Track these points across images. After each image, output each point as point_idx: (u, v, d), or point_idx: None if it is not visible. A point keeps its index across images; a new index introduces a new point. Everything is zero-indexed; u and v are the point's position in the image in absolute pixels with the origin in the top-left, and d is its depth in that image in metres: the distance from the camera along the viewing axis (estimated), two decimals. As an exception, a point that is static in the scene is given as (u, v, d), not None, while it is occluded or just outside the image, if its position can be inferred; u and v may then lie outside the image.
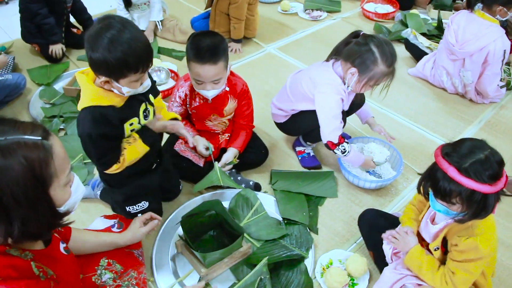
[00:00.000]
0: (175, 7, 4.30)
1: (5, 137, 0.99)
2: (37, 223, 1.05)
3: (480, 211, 1.36)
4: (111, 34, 1.49)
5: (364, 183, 2.25)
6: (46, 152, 1.03)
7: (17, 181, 0.98)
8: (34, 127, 1.05)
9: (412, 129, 2.78)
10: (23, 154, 0.99)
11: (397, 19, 4.00)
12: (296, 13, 4.20)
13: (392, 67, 1.98)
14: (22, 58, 3.50)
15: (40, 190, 1.03)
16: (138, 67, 1.56)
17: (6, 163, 0.97)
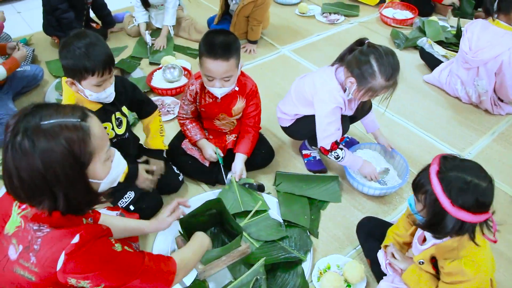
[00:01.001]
0: (193, 6, 4.35)
1: (48, 121, 1.08)
2: (76, 199, 1.15)
3: (435, 225, 1.36)
4: (76, 43, 1.73)
5: (368, 189, 2.24)
6: (84, 132, 1.12)
7: (58, 161, 1.07)
8: (73, 110, 1.15)
9: (422, 137, 2.75)
10: (64, 136, 1.08)
11: (415, 25, 3.96)
12: (314, 16, 4.21)
13: (392, 80, 1.95)
14: (42, 51, 3.58)
15: (78, 169, 1.12)
16: (94, 70, 1.74)
17: (49, 145, 1.06)
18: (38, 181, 1.07)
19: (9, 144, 1.06)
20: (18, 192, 1.11)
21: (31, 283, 1.15)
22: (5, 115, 2.65)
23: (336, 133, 2.12)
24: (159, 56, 3.44)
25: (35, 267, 1.14)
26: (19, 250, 1.16)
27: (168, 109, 2.91)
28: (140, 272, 1.28)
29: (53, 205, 1.12)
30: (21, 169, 1.06)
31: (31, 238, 1.15)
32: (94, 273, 1.17)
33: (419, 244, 1.56)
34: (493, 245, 2.00)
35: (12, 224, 1.20)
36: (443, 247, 1.44)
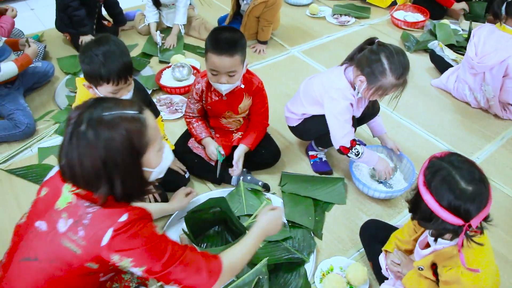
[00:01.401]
0: (204, 6, 4.37)
1: (109, 112, 1.17)
2: (132, 186, 1.23)
3: (415, 208, 1.38)
4: (95, 49, 1.77)
5: (374, 192, 2.24)
6: (141, 123, 1.21)
7: (118, 149, 1.16)
8: (131, 103, 1.24)
9: (430, 141, 2.74)
10: (124, 126, 1.17)
11: (426, 28, 3.94)
12: (324, 17, 4.21)
13: (402, 79, 1.95)
14: (53, 47, 3.63)
15: (135, 157, 1.21)
16: (109, 79, 1.79)
17: (111, 134, 1.15)
18: (99, 169, 1.16)
19: (73, 134, 1.15)
20: (77, 179, 1.19)
21: (75, 256, 1.22)
22: (16, 110, 2.69)
23: (352, 130, 2.13)
24: (169, 55, 3.46)
25: (83, 241, 1.20)
26: (69, 224, 1.23)
27: (176, 108, 2.93)
28: (181, 259, 1.30)
29: (109, 191, 1.19)
30: (84, 157, 1.14)
31: (82, 213, 1.22)
32: (137, 251, 1.22)
33: (420, 249, 1.55)
34: (498, 250, 2.01)
35: (64, 200, 1.27)
36: (442, 253, 1.43)
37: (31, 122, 2.70)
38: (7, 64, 2.64)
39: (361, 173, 2.36)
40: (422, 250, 1.52)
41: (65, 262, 1.23)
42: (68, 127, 1.18)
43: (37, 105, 2.98)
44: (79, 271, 1.24)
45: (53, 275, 1.24)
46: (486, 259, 1.39)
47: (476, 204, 1.26)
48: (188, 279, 1.31)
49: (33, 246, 1.27)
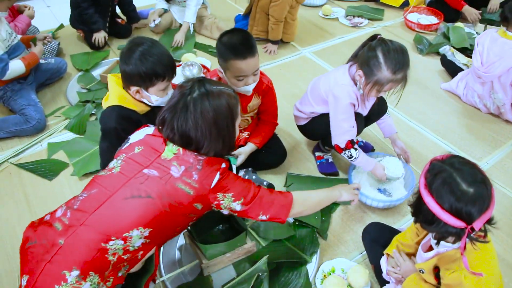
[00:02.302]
0: (218, 5, 4.38)
1: (215, 86, 1.52)
2: (228, 143, 1.56)
3: (417, 211, 1.37)
4: (142, 49, 1.81)
5: (372, 201, 2.19)
6: (236, 99, 1.57)
7: (224, 114, 1.50)
8: (226, 85, 1.61)
9: (439, 145, 2.71)
10: (226, 98, 1.51)
11: (440, 31, 3.90)
12: (337, 19, 4.19)
13: (398, 74, 1.92)
14: (67, 44, 3.68)
15: (232, 121, 1.55)
16: (165, 75, 1.86)
17: (219, 102, 1.49)
18: (211, 127, 1.47)
19: (187, 103, 1.46)
20: (191, 139, 1.48)
21: (187, 195, 1.46)
22: (27, 106, 2.73)
23: (351, 130, 2.11)
24: (180, 53, 3.48)
25: (196, 183, 1.46)
26: (182, 170, 1.47)
27: (185, 106, 2.94)
28: (260, 193, 1.60)
29: (215, 147, 1.50)
30: (200, 118, 1.45)
31: (194, 161, 1.48)
32: (234, 188, 1.53)
33: (423, 252, 1.54)
34: (501, 254, 1.99)
35: (170, 151, 1.50)
36: (445, 257, 1.42)
37: (42, 118, 2.74)
38: (15, 62, 2.67)
39: (360, 181, 2.30)
40: (425, 253, 1.51)
41: (176, 201, 1.45)
42: (180, 97, 1.48)
43: (49, 100, 3.02)
44: (185, 210, 1.48)
45: (162, 211, 1.44)
46: (489, 263, 1.38)
47: (478, 206, 1.24)
48: (269, 211, 1.60)
49: (144, 188, 1.45)
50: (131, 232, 1.40)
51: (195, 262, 1.94)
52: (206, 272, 1.86)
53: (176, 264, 1.95)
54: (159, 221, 1.44)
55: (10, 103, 2.79)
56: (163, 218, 1.45)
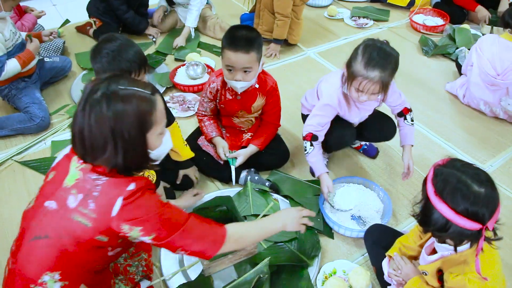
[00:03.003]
0: (223, 5, 4.38)
1: (125, 87, 1.27)
2: (133, 157, 1.30)
3: (426, 219, 1.34)
4: (108, 47, 1.76)
5: (345, 231, 2.08)
6: (152, 104, 1.30)
7: (127, 122, 1.24)
8: (145, 85, 1.34)
9: (442, 147, 2.70)
10: (136, 103, 1.26)
11: (445, 32, 3.89)
12: (342, 19, 4.18)
13: (371, 72, 1.85)
14: (72, 43, 3.70)
15: (141, 131, 1.29)
16: (131, 70, 1.78)
17: (124, 107, 1.24)
18: (106, 136, 1.24)
19: (87, 102, 1.24)
20: (84, 146, 1.27)
21: (85, 229, 1.28)
22: (32, 104, 2.74)
23: (317, 128, 2.10)
24: (184, 53, 3.48)
25: (93, 213, 1.27)
26: (79, 199, 1.29)
27: (189, 105, 2.95)
28: (186, 225, 1.37)
29: (113, 160, 1.27)
30: (94, 124, 1.23)
31: (91, 186, 1.29)
32: (146, 220, 1.29)
33: (426, 255, 1.53)
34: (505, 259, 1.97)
35: (72, 177, 1.33)
36: (449, 260, 1.41)
37: (46, 116, 2.75)
38: (9, 61, 2.64)
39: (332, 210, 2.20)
40: (429, 256, 1.50)
41: (75, 236, 1.28)
42: (83, 96, 1.27)
43: (53, 99, 3.03)
44: (88, 245, 1.30)
45: (63, 251, 1.30)
46: (493, 267, 1.37)
47: (491, 206, 1.25)
48: (193, 246, 1.38)
49: (43, 225, 1.32)
50: (43, 278, 1.31)
51: (196, 262, 1.93)
52: (207, 273, 1.86)
53: (177, 264, 1.94)
54: (65, 261, 1.31)
55: (14, 101, 2.80)
56: (69, 257, 1.31)
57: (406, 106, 2.22)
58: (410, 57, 3.60)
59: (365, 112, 2.21)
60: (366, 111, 2.21)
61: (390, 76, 1.89)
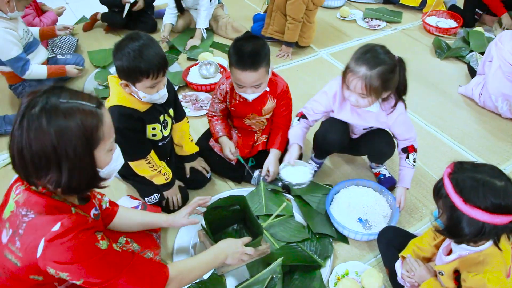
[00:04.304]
0: (236, 5, 4.39)
1: (67, 100, 1.15)
2: (80, 177, 1.19)
3: (453, 228, 1.32)
4: (131, 45, 1.74)
5: (350, 233, 2.06)
6: (98, 118, 1.19)
7: (70, 139, 1.13)
8: (90, 97, 1.22)
9: (455, 150, 2.68)
10: (80, 117, 1.15)
11: (459, 35, 3.86)
12: (355, 21, 4.17)
13: (357, 67, 1.84)
14: (85, 40, 3.72)
15: (87, 149, 1.18)
16: (149, 72, 1.75)
17: (65, 123, 1.13)
18: (48, 155, 1.13)
19: (24, 118, 1.12)
20: (26, 165, 1.15)
21: (16, 268, 1.20)
22: (45, 101, 2.75)
23: (309, 111, 2.17)
24: (197, 52, 3.49)
25: (19, 252, 1.18)
26: (9, 234, 1.21)
27: (201, 105, 2.95)
28: (125, 270, 1.28)
29: (58, 180, 1.16)
30: (34, 142, 1.11)
31: (19, 223, 1.19)
32: (72, 265, 1.18)
33: (444, 255, 1.52)
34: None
35: (8, 209, 1.25)
36: (468, 259, 1.40)
37: (58, 113, 2.76)
38: (39, 66, 2.74)
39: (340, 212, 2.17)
40: (446, 257, 1.49)
41: (10, 275, 1.21)
42: (19, 111, 1.15)
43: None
44: (27, 283, 1.22)
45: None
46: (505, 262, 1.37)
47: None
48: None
49: None
50: None
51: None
52: (219, 272, 1.86)
53: (190, 263, 1.95)
54: None
55: (28, 99, 2.81)
56: None
57: (413, 144, 2.13)
58: (423, 59, 3.59)
59: (359, 119, 2.11)
60: (360, 119, 2.11)
61: (378, 80, 1.82)
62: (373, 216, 2.15)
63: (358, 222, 2.14)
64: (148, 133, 2.01)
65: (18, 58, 2.63)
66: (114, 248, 1.29)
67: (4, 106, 3.01)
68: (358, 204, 2.17)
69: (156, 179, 2.08)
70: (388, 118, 2.03)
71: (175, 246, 2.02)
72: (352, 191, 2.24)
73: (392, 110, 2.01)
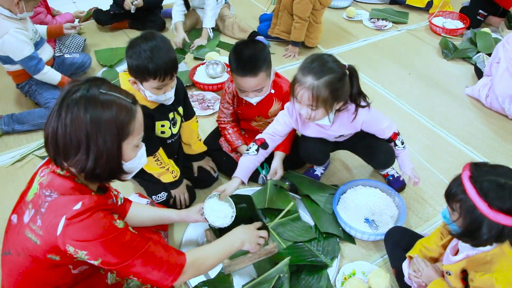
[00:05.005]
0: (242, 5, 4.39)
1: (106, 91, 1.23)
2: (104, 165, 1.24)
3: (473, 232, 1.31)
4: (143, 44, 1.75)
5: (358, 233, 2.06)
6: (131, 114, 1.27)
7: (103, 128, 1.20)
8: (127, 94, 1.29)
9: (462, 151, 2.67)
10: (116, 110, 1.22)
11: (466, 36, 3.85)
12: (361, 21, 4.17)
13: (303, 77, 1.74)
14: (91, 40, 3.73)
15: (117, 140, 1.24)
16: (156, 74, 1.76)
17: (102, 113, 1.20)
18: (80, 139, 1.19)
19: (64, 101, 1.21)
20: (57, 145, 1.22)
21: (36, 247, 1.24)
22: (52, 99, 2.78)
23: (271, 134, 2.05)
24: (204, 52, 3.50)
25: (40, 230, 1.22)
26: (31, 214, 1.26)
27: (208, 104, 2.96)
28: (141, 252, 1.30)
29: (83, 164, 1.22)
30: (70, 125, 1.19)
31: (41, 202, 1.24)
32: (91, 242, 1.21)
33: (451, 255, 1.52)
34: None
35: (32, 191, 1.30)
36: (475, 259, 1.40)
37: (66, 112, 2.78)
38: (55, 73, 2.83)
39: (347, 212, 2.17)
40: (454, 256, 1.49)
41: (29, 254, 1.25)
42: (60, 95, 1.23)
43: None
44: (44, 263, 1.26)
45: (23, 268, 1.28)
46: None
47: None
48: (148, 274, 1.31)
49: (7, 240, 1.33)
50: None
51: (216, 260, 1.94)
52: (227, 271, 1.86)
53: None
54: (27, 279, 1.29)
55: (35, 97, 2.85)
56: (30, 275, 1.28)
57: (393, 131, 2.07)
58: (429, 59, 3.58)
59: (324, 132, 2.03)
60: (326, 132, 2.03)
61: (326, 89, 1.72)
62: (380, 216, 2.15)
63: (365, 222, 2.14)
64: (157, 130, 2.02)
65: (31, 57, 2.66)
66: (130, 230, 1.32)
67: (12, 104, 3.04)
68: (365, 205, 2.17)
69: (164, 177, 2.08)
70: (353, 124, 1.97)
71: (183, 244, 2.03)
72: (359, 191, 2.24)
73: (354, 116, 1.92)
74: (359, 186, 2.28)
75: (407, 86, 3.26)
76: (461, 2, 4.30)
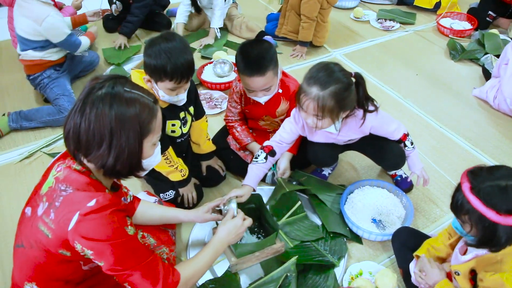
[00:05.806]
0: (250, 4, 4.39)
1: (130, 89, 1.27)
2: (125, 161, 1.27)
3: (489, 240, 1.30)
4: (163, 45, 1.74)
5: (365, 233, 2.06)
6: (153, 112, 1.31)
7: (127, 125, 1.24)
8: (149, 93, 1.34)
9: (470, 152, 2.66)
10: (139, 108, 1.26)
11: (474, 38, 3.84)
12: (368, 21, 4.17)
13: (308, 87, 1.74)
14: (99, 38, 3.74)
15: (138, 137, 1.28)
16: (173, 76, 1.77)
17: (126, 110, 1.24)
18: (103, 135, 1.22)
19: (88, 97, 1.23)
20: (79, 140, 1.24)
21: (48, 240, 1.25)
22: (62, 95, 2.80)
23: (278, 141, 2.05)
24: (211, 51, 3.50)
25: (52, 224, 1.24)
26: (45, 207, 1.27)
27: (215, 103, 2.97)
28: (143, 264, 1.31)
29: (104, 160, 1.25)
30: (94, 120, 1.21)
31: (55, 196, 1.26)
32: (99, 243, 1.22)
33: (460, 255, 1.52)
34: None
35: (47, 184, 1.32)
36: (485, 259, 1.40)
37: (74, 109, 2.79)
38: (83, 37, 3.03)
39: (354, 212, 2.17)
40: (463, 256, 1.49)
41: (41, 247, 1.27)
42: (83, 91, 1.26)
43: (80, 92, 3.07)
44: (55, 257, 1.28)
45: (35, 261, 1.29)
46: None
47: None
48: (142, 286, 1.31)
49: (21, 233, 1.34)
50: (25, 286, 1.33)
51: (223, 259, 1.95)
52: (234, 270, 1.87)
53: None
54: (39, 272, 1.31)
55: (46, 91, 2.87)
56: (42, 268, 1.30)
57: (403, 133, 2.07)
58: (437, 60, 3.57)
59: (332, 137, 2.02)
60: (335, 137, 2.02)
61: (332, 100, 1.72)
62: (387, 216, 2.15)
63: (372, 223, 2.14)
64: (168, 129, 2.03)
65: (71, 34, 2.83)
66: (138, 239, 1.33)
67: (20, 101, 3.05)
68: (372, 205, 2.17)
69: (173, 176, 2.09)
70: (362, 129, 1.97)
71: (190, 242, 2.04)
72: (367, 191, 2.24)
73: (362, 121, 1.91)
74: (367, 186, 2.28)
75: (414, 87, 3.26)
76: (468, 3, 4.28)
